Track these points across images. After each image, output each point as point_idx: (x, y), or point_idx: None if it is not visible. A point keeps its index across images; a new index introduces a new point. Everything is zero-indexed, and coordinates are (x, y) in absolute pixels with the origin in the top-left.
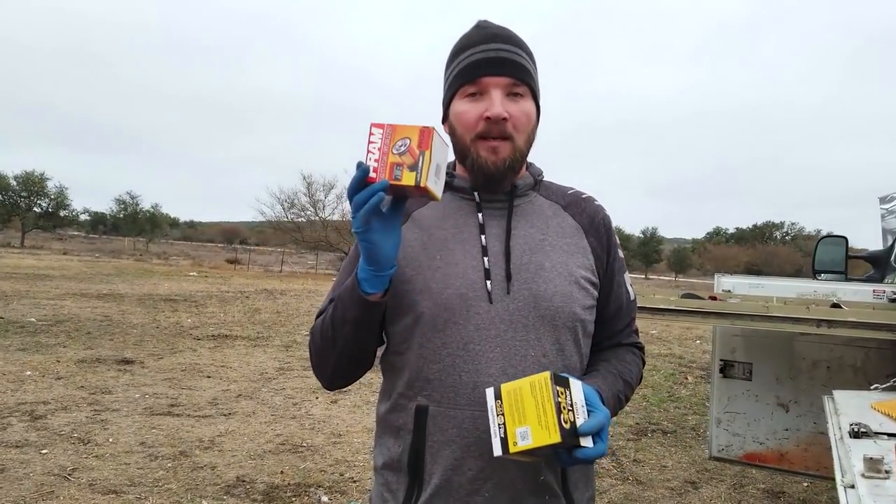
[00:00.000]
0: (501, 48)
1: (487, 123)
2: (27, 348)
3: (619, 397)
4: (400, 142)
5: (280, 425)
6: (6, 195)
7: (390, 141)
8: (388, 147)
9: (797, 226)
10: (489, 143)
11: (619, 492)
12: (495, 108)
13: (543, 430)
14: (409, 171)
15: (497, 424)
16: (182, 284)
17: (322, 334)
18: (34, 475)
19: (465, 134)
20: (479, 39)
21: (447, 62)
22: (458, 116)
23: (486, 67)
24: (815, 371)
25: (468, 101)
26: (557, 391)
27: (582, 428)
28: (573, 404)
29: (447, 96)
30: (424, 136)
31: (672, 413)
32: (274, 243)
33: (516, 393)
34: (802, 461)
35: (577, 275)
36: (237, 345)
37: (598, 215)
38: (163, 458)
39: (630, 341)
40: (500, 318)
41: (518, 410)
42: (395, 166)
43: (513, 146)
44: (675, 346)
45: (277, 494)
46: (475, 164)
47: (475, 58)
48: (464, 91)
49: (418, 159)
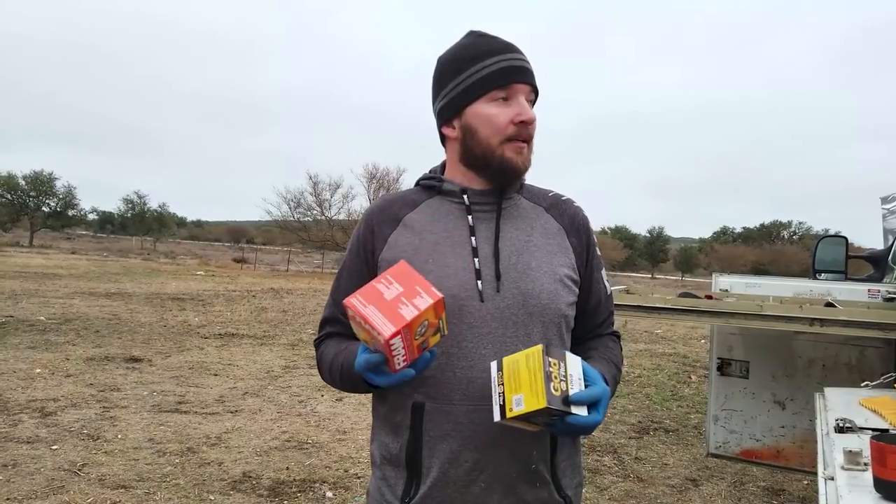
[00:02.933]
0: (522, 58)
1: (518, 127)
2: (37, 346)
3: (616, 379)
4: (419, 328)
5: (286, 422)
6: (15, 195)
7: (411, 334)
8: (410, 340)
9: (805, 225)
10: (517, 144)
11: (619, 489)
12: (529, 113)
13: (533, 397)
14: (434, 335)
15: (497, 393)
16: (189, 283)
17: (330, 376)
18: (45, 470)
19: (493, 136)
20: (499, 48)
21: (454, 69)
22: (487, 119)
23: (516, 74)
24: (810, 369)
25: (497, 105)
26: (550, 362)
27: (574, 397)
28: (567, 375)
29: (463, 100)
30: (438, 307)
31: (675, 412)
32: (280, 243)
33: (514, 364)
34: (798, 458)
35: (561, 273)
36: (244, 343)
37: (577, 216)
38: (171, 454)
39: (610, 332)
40: (491, 315)
41: (515, 379)
42: (421, 344)
43: (530, 149)
44: (679, 346)
45: (283, 490)
46: (503, 164)
47: (505, 64)
48: (492, 96)
49: (438, 324)
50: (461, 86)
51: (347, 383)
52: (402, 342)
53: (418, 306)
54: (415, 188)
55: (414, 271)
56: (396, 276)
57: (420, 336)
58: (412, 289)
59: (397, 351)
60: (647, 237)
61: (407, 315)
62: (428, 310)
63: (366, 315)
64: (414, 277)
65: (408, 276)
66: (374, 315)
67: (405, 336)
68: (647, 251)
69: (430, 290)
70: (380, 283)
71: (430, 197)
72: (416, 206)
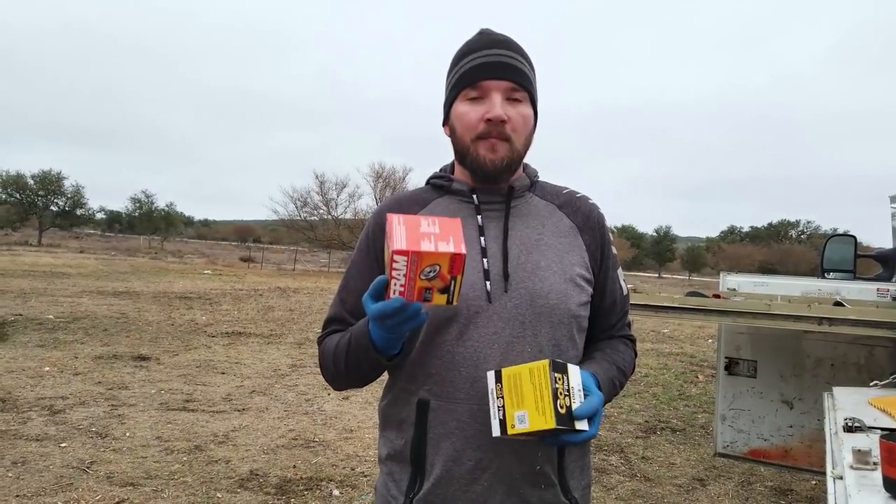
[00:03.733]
0: (503, 54)
1: (487, 125)
2: (45, 345)
3: (614, 382)
4: (428, 268)
5: (293, 421)
6: (24, 194)
7: (416, 268)
8: (414, 273)
9: (813, 224)
10: (489, 142)
11: (626, 488)
12: (495, 111)
13: (540, 416)
14: (440, 294)
15: (497, 407)
16: (196, 282)
17: (334, 363)
18: (54, 467)
19: (466, 134)
20: (481, 45)
21: (450, 67)
22: (459, 117)
23: (486, 71)
24: (819, 369)
25: (469, 104)
26: (555, 377)
27: (577, 412)
28: (570, 389)
29: (448, 99)
30: (456, 262)
31: (682, 411)
32: (287, 242)
33: (516, 377)
34: (806, 457)
35: (573, 272)
36: (251, 342)
37: (592, 214)
38: (178, 452)
39: (623, 333)
40: (498, 315)
41: (517, 395)
42: (423, 290)
43: (510, 147)
44: (686, 345)
45: (290, 488)
46: (474, 162)
47: (477, 62)
48: (465, 94)
49: (450, 283)
50: (448, 85)
51: (353, 359)
52: (405, 267)
53: (438, 248)
54: (425, 187)
55: (460, 228)
56: (442, 222)
57: (425, 278)
58: (446, 235)
59: (397, 275)
60: (653, 236)
61: (423, 247)
62: (444, 255)
63: (393, 230)
64: (455, 230)
65: (451, 227)
66: (398, 233)
67: (411, 263)
68: (653, 250)
69: (459, 244)
70: (424, 219)
71: (439, 196)
72: (425, 204)
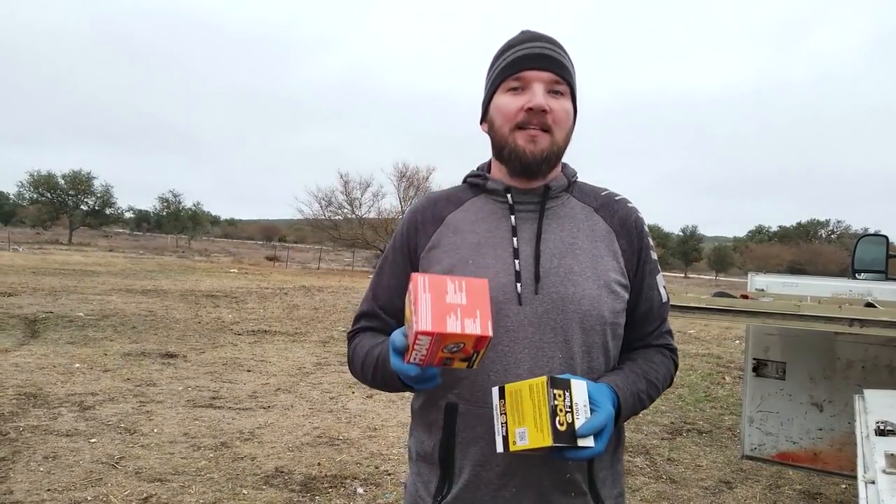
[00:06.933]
0: (545, 46)
1: (528, 114)
2: (76, 342)
3: (641, 396)
4: (452, 345)
5: (317, 419)
6: (55, 194)
7: (440, 345)
8: (437, 348)
9: (843, 224)
10: (528, 132)
11: (652, 490)
12: (537, 99)
13: (538, 433)
14: (461, 361)
15: (500, 423)
16: (223, 281)
17: (362, 372)
18: (83, 462)
19: (505, 125)
20: (523, 39)
21: (490, 63)
22: (498, 108)
23: (529, 62)
24: (849, 371)
25: (510, 95)
26: (554, 394)
27: (580, 430)
28: (573, 405)
29: (488, 94)
30: (481, 342)
31: (708, 413)
32: (312, 241)
33: (517, 394)
34: (836, 461)
35: (607, 278)
36: (276, 340)
37: (630, 217)
38: (205, 449)
39: (660, 342)
40: (528, 320)
41: (518, 411)
42: (444, 359)
43: (551, 139)
44: (713, 346)
45: (315, 486)
46: (513, 152)
47: (519, 53)
48: (506, 85)
49: (472, 356)
50: (488, 81)
51: (380, 377)
52: (428, 344)
53: (465, 328)
54: (461, 185)
55: (488, 295)
56: (470, 288)
57: (448, 352)
58: (473, 309)
59: (419, 348)
60: (679, 236)
61: (449, 327)
62: (470, 337)
63: (418, 299)
64: (483, 300)
65: (479, 295)
66: (424, 304)
67: (434, 342)
68: (680, 250)
69: (486, 323)
70: (453, 282)
71: (475, 195)
72: (460, 204)
